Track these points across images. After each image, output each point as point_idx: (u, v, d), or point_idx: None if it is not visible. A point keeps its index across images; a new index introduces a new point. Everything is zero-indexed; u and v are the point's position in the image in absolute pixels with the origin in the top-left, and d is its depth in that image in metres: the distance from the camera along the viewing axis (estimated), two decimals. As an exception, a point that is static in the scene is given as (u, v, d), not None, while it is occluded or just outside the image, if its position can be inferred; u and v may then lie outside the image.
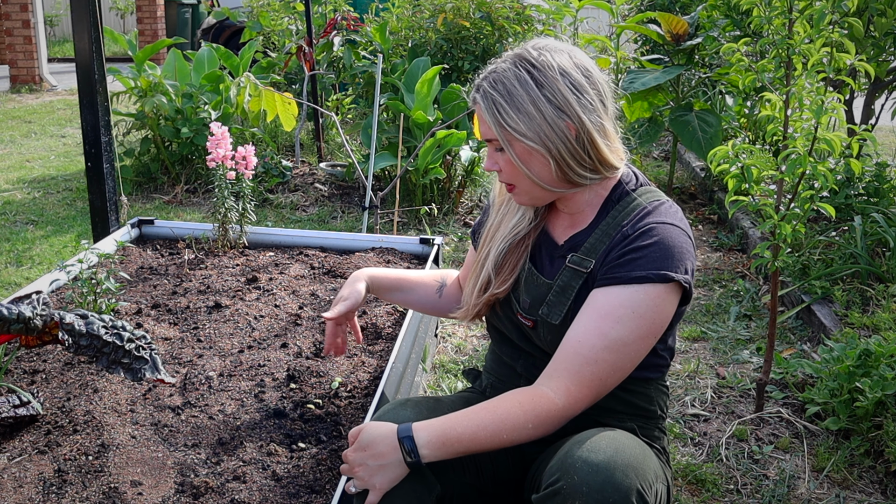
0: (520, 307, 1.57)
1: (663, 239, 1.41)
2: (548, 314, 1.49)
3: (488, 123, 1.46)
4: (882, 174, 3.56)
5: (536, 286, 1.54)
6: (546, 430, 1.38)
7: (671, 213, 1.47)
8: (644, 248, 1.41)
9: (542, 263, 1.57)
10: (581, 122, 1.43)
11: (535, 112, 1.43)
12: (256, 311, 2.37)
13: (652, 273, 1.38)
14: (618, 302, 1.39)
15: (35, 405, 1.77)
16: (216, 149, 2.81)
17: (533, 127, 1.43)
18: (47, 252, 3.96)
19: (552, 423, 1.37)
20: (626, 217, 1.47)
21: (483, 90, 1.47)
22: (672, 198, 4.90)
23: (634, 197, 1.50)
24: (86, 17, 2.85)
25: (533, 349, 1.58)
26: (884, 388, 2.19)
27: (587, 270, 1.47)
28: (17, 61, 9.58)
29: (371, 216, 3.84)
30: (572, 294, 1.48)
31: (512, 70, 1.46)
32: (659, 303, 1.39)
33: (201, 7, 11.69)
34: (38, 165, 5.84)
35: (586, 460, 1.26)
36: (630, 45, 6.26)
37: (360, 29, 6.02)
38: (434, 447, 1.35)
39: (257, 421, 1.82)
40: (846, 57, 2.11)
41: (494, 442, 1.36)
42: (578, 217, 1.54)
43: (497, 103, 1.44)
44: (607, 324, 1.38)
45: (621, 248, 1.43)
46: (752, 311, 3.28)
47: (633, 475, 1.25)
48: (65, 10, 15.18)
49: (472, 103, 1.51)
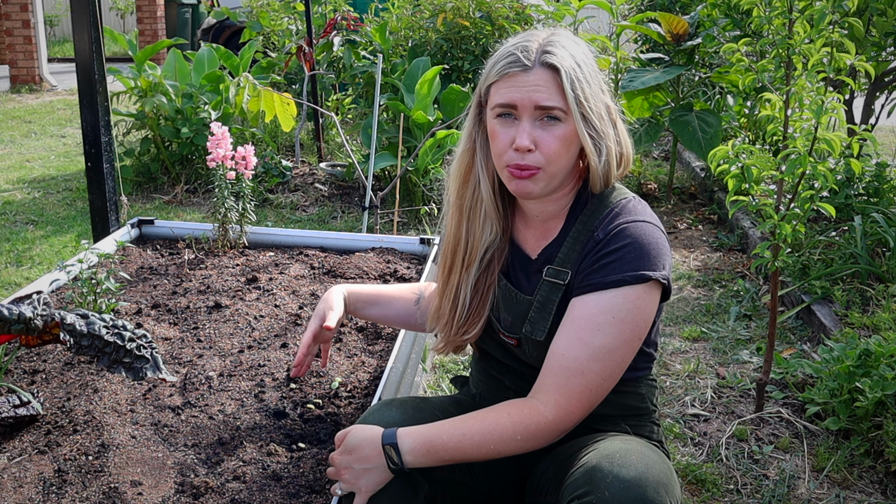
0: (501, 326, 1.52)
1: (636, 239, 1.38)
2: (531, 332, 1.45)
3: (564, 90, 1.36)
4: (882, 174, 3.56)
5: (516, 304, 1.49)
6: (536, 444, 1.36)
7: (639, 210, 1.43)
8: (617, 250, 1.37)
9: (517, 280, 1.51)
10: (612, 109, 1.44)
11: (596, 84, 1.41)
12: (256, 311, 2.37)
13: (628, 275, 1.35)
14: (597, 309, 1.35)
15: (35, 405, 1.77)
16: (216, 149, 2.81)
17: (596, 102, 1.39)
18: (47, 252, 3.96)
19: (543, 436, 1.35)
20: (596, 220, 1.43)
21: (558, 54, 1.37)
22: (672, 198, 4.91)
23: (601, 198, 1.45)
24: (86, 17, 2.85)
25: (519, 364, 1.54)
26: (884, 388, 2.19)
27: (564, 282, 1.43)
28: (17, 61, 9.58)
29: (371, 216, 3.84)
30: (553, 308, 1.43)
31: (572, 40, 1.41)
32: (639, 304, 1.36)
33: (201, 7, 11.68)
34: (38, 165, 5.84)
35: (617, 476, 1.23)
36: (630, 44, 6.26)
37: (359, 29, 6.02)
38: (418, 454, 1.34)
39: (257, 421, 1.82)
40: (846, 57, 2.11)
41: (481, 452, 1.34)
42: (550, 224, 1.49)
43: (577, 71, 1.37)
44: (588, 333, 1.34)
45: (594, 254, 1.39)
46: (752, 311, 3.28)
47: (664, 492, 1.24)
48: (65, 10, 15.17)
49: (534, 65, 1.37)
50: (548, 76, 1.37)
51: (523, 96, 1.37)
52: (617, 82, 4.85)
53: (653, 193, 4.97)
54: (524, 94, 1.37)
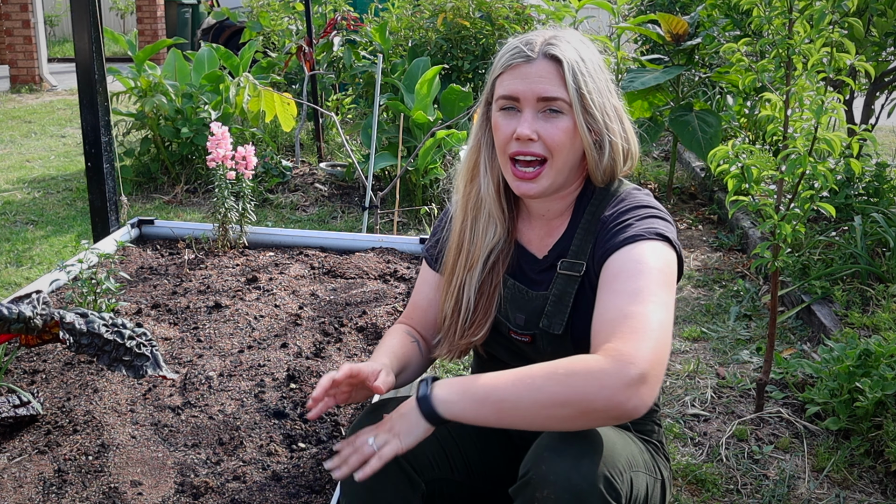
0: (512, 325, 1.50)
1: (645, 212, 1.40)
2: (549, 326, 1.44)
3: (566, 82, 1.37)
4: (882, 174, 3.56)
5: (528, 300, 1.48)
6: (584, 386, 1.16)
7: (648, 198, 1.46)
8: (629, 217, 1.39)
9: (527, 279, 1.50)
10: (621, 110, 1.44)
11: (604, 87, 1.41)
12: (256, 311, 2.37)
13: (643, 231, 1.35)
14: (620, 263, 1.32)
15: (35, 405, 1.77)
16: (216, 149, 2.81)
17: (600, 101, 1.40)
18: (47, 252, 3.96)
19: (592, 376, 1.16)
20: (604, 209, 1.44)
21: (561, 47, 1.39)
22: (672, 198, 4.91)
23: (607, 188, 1.48)
24: (86, 17, 2.85)
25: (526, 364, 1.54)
26: (884, 388, 2.19)
27: (580, 273, 1.43)
28: (17, 61, 9.58)
29: (371, 216, 3.84)
30: (570, 300, 1.43)
31: (578, 38, 1.43)
32: (660, 252, 1.33)
33: (201, 7, 11.68)
34: (38, 165, 5.84)
35: (554, 449, 1.24)
36: (630, 45, 6.26)
37: (359, 29, 6.02)
38: (452, 393, 1.25)
39: (257, 421, 1.82)
40: (846, 57, 2.11)
41: (518, 389, 1.20)
42: (555, 223, 1.50)
43: (580, 65, 1.38)
44: (620, 283, 1.29)
45: (607, 231, 1.39)
46: (752, 311, 3.28)
47: (601, 462, 1.23)
48: (65, 10, 15.18)
49: (538, 56, 1.38)
50: (550, 67, 1.37)
51: (525, 87, 1.38)
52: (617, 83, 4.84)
53: (653, 193, 4.97)
54: (526, 86, 1.38)
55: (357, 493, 1.39)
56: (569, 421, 1.19)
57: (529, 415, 1.20)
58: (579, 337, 1.42)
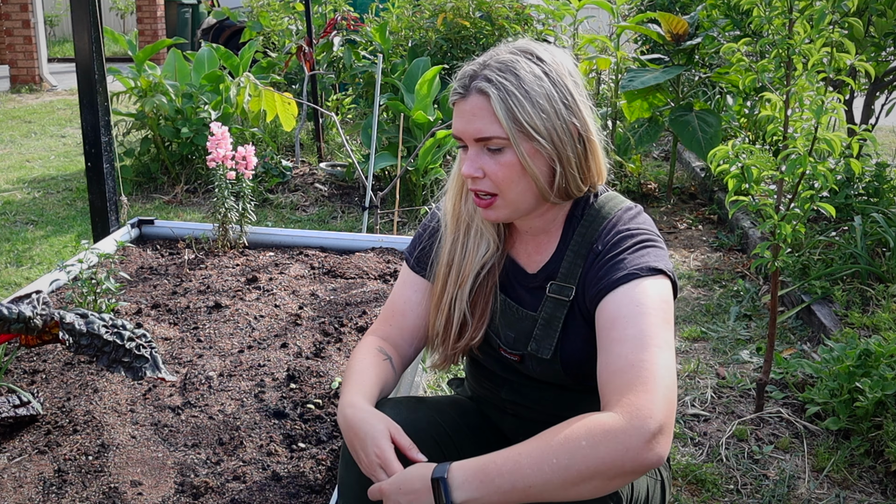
0: (502, 342, 1.48)
1: (637, 241, 1.35)
2: (537, 350, 1.41)
3: (498, 117, 1.30)
4: (882, 174, 3.56)
5: (519, 319, 1.45)
6: (610, 453, 1.13)
7: (637, 219, 1.40)
8: (619, 253, 1.34)
9: (517, 295, 1.47)
10: (585, 126, 1.35)
11: (549, 108, 1.31)
12: (256, 311, 2.37)
13: (636, 269, 1.31)
14: (616, 306, 1.29)
15: (35, 405, 1.77)
16: (216, 149, 2.81)
17: (547, 125, 1.31)
18: (47, 252, 3.96)
19: (616, 442, 1.14)
20: (595, 233, 1.39)
21: (493, 79, 1.30)
22: (672, 198, 4.91)
23: (598, 208, 1.42)
24: (86, 17, 2.85)
25: (517, 377, 1.51)
26: (884, 388, 2.19)
27: (569, 298, 1.39)
28: (17, 61, 9.59)
29: (371, 216, 3.84)
30: (559, 325, 1.40)
31: (523, 61, 1.33)
32: (657, 289, 1.30)
33: (201, 7, 11.69)
34: (38, 165, 5.84)
35: None
36: (630, 45, 6.26)
37: (360, 29, 6.02)
38: (471, 486, 1.18)
39: (257, 421, 1.82)
40: (846, 57, 2.11)
41: (543, 471, 1.15)
42: (544, 239, 1.45)
43: (512, 94, 1.29)
44: (619, 330, 1.26)
45: (598, 265, 1.35)
46: (752, 311, 3.28)
47: None
48: (65, 10, 15.18)
49: (469, 92, 1.32)
50: (481, 103, 1.31)
51: (462, 128, 1.34)
52: (617, 82, 4.85)
53: (653, 193, 4.97)
54: (463, 126, 1.33)
55: (356, 496, 1.39)
56: (600, 489, 1.16)
57: (559, 495, 1.17)
58: (568, 360, 1.40)
